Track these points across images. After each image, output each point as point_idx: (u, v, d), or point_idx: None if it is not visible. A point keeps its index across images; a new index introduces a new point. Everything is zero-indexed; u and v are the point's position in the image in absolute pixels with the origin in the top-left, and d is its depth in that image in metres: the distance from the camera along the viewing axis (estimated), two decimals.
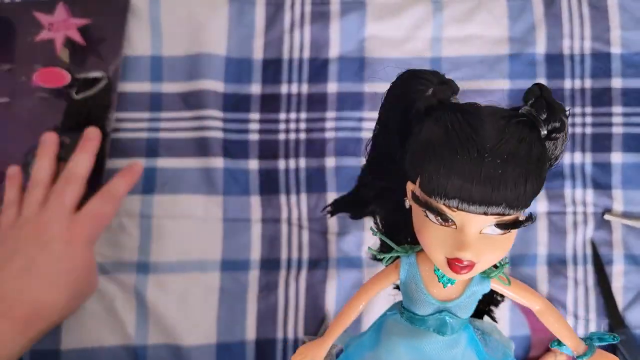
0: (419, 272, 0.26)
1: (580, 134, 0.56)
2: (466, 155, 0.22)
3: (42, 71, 0.54)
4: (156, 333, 0.52)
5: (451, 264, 0.23)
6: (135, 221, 0.53)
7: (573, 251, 0.54)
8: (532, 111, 0.24)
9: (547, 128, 0.24)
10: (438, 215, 0.23)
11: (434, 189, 0.22)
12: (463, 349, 0.27)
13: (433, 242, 0.23)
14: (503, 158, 0.22)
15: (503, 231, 0.23)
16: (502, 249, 0.24)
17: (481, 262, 0.23)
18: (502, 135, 0.22)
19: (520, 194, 0.22)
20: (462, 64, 0.57)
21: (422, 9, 0.57)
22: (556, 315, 0.28)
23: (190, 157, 0.55)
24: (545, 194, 0.55)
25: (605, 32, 0.57)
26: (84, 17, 0.55)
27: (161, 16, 0.57)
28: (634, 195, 0.55)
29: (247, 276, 0.53)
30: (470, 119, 0.23)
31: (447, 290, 0.25)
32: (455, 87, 0.26)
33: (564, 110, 0.25)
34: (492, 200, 0.22)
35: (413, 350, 0.26)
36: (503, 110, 0.25)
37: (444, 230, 0.23)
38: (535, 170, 0.22)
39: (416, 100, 0.25)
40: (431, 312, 0.26)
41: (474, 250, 0.23)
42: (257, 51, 0.57)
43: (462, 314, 0.27)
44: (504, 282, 0.26)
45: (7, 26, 0.56)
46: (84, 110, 0.54)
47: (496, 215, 0.22)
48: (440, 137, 0.23)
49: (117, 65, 0.55)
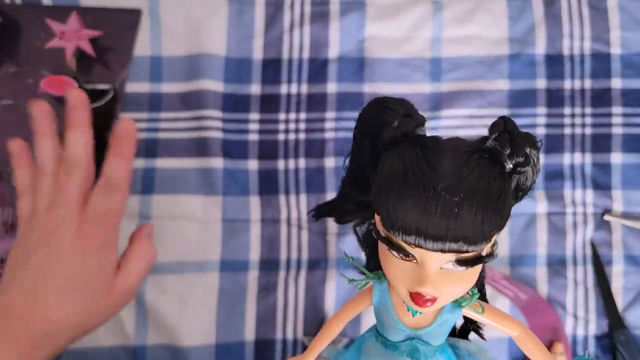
0: (390, 299, 0.26)
1: (580, 135, 0.56)
2: (422, 192, 0.21)
3: (50, 78, 0.54)
4: (155, 333, 0.52)
5: (413, 297, 0.23)
6: (134, 221, 0.53)
7: (573, 252, 0.54)
8: (496, 145, 0.24)
9: (512, 163, 0.24)
10: (398, 250, 0.23)
11: (392, 224, 0.22)
12: None
13: (396, 275, 0.23)
14: (460, 195, 0.21)
15: (463, 267, 0.23)
16: (465, 283, 0.23)
17: (443, 296, 0.23)
18: (461, 171, 0.22)
19: (477, 232, 0.21)
20: (462, 64, 0.57)
21: (422, 9, 0.57)
22: (535, 343, 0.27)
23: (190, 158, 0.54)
24: (545, 195, 0.55)
25: (605, 32, 0.57)
26: (96, 29, 0.55)
27: (160, 16, 0.57)
28: (633, 195, 0.55)
29: (246, 277, 0.53)
30: (428, 155, 0.23)
31: (418, 319, 0.25)
32: (420, 119, 0.26)
33: (532, 142, 0.24)
34: (449, 238, 0.21)
35: None
36: (466, 144, 0.24)
37: (406, 265, 0.23)
38: (494, 207, 0.22)
39: (383, 131, 0.25)
40: (402, 338, 0.26)
41: (434, 286, 0.22)
42: (257, 51, 0.57)
43: (434, 341, 0.26)
44: (477, 311, 0.26)
45: (15, 29, 0.56)
46: None
47: (454, 253, 0.22)
48: (399, 172, 0.22)
49: (124, 77, 0.55)
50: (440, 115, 0.55)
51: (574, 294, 0.53)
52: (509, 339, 0.52)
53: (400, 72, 0.56)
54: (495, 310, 0.27)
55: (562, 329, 0.52)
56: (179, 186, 0.54)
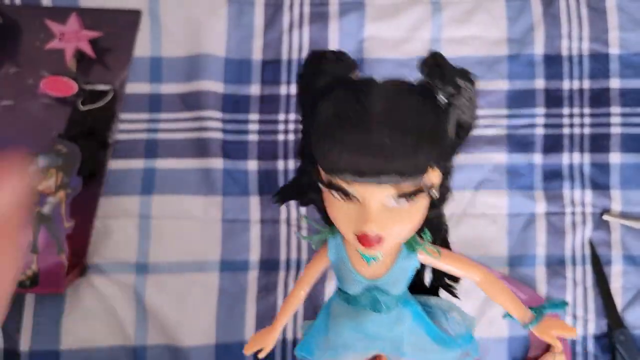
0: (346, 251, 0.26)
1: (579, 135, 0.56)
2: (353, 128, 0.22)
3: (49, 79, 0.54)
4: (155, 333, 0.52)
5: (360, 239, 0.23)
6: (134, 222, 0.53)
7: (572, 252, 0.54)
8: (428, 80, 0.24)
9: (444, 95, 0.24)
10: (339, 191, 0.23)
11: (329, 166, 0.23)
12: (409, 326, 0.26)
13: (341, 219, 0.23)
14: (391, 127, 0.22)
15: (407, 202, 0.22)
16: (410, 220, 0.23)
17: (390, 236, 0.23)
18: (392, 107, 0.22)
19: (410, 163, 0.22)
20: (461, 64, 0.56)
21: (421, 10, 0.57)
22: (499, 286, 0.27)
23: (190, 158, 0.55)
24: (544, 195, 0.55)
25: (604, 33, 0.57)
26: (95, 30, 0.55)
27: (160, 17, 0.57)
28: (632, 195, 0.55)
29: (246, 277, 0.53)
30: (361, 96, 0.23)
31: (374, 268, 0.25)
32: (352, 63, 0.26)
33: (464, 74, 0.24)
34: (383, 170, 0.21)
35: (358, 331, 0.26)
36: (398, 82, 0.25)
37: (349, 207, 0.23)
38: (427, 138, 0.22)
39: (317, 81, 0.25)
40: (361, 290, 0.26)
41: (378, 223, 0.22)
42: (256, 52, 0.57)
43: (393, 289, 0.26)
44: (434, 256, 0.26)
45: (14, 29, 0.56)
46: (87, 120, 0.55)
47: (392, 185, 0.22)
48: (333, 115, 0.23)
49: (123, 78, 0.55)
50: None
51: (573, 293, 0.53)
52: (508, 338, 0.53)
53: (400, 73, 0.56)
54: (455, 256, 0.26)
55: None
56: (178, 186, 0.54)
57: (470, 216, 0.54)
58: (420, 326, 0.27)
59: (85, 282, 0.52)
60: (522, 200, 0.54)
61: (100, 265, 0.52)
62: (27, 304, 0.52)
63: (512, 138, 0.55)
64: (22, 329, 0.51)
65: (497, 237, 0.54)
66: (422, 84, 0.24)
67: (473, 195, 0.55)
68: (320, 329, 0.30)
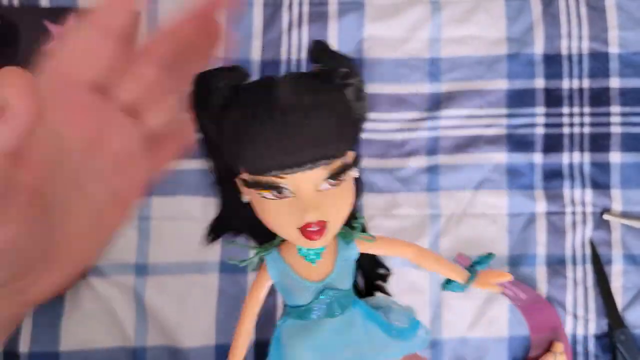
0: (286, 263, 0.25)
1: (579, 134, 0.56)
2: (266, 120, 0.22)
3: None
4: (155, 335, 0.52)
5: (304, 232, 0.23)
6: (133, 223, 0.53)
7: (572, 251, 0.54)
8: (320, 66, 0.24)
9: (337, 76, 0.24)
10: (271, 190, 0.23)
11: (255, 167, 0.22)
12: (362, 326, 0.26)
13: (279, 219, 0.23)
14: (305, 112, 0.22)
15: (336, 181, 0.23)
16: (344, 200, 0.24)
17: (330, 220, 0.23)
18: (296, 91, 0.22)
19: (333, 138, 0.22)
20: (461, 64, 0.57)
21: (420, 10, 0.57)
22: (433, 257, 0.28)
23: (189, 159, 0.54)
24: (544, 194, 0.55)
25: (603, 32, 0.57)
26: None
27: (159, 18, 0.57)
28: (632, 194, 0.55)
29: (246, 277, 0.53)
30: (262, 90, 0.23)
31: (319, 268, 0.25)
32: (243, 72, 0.25)
33: (345, 56, 0.25)
34: (309, 153, 0.22)
35: (315, 348, 0.26)
36: (295, 73, 0.26)
37: (283, 204, 0.23)
38: (343, 116, 0.23)
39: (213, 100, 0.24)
40: (313, 296, 0.26)
41: (317, 208, 0.22)
42: (255, 52, 0.57)
43: (343, 284, 0.26)
44: (369, 239, 0.26)
45: (13, 31, 0.56)
46: None
47: (323, 167, 0.22)
48: (239, 116, 0.23)
49: None
50: (439, 116, 0.55)
51: (573, 293, 0.53)
52: (508, 338, 0.53)
53: (399, 73, 0.56)
54: (387, 239, 0.27)
55: (561, 328, 0.52)
56: (178, 187, 0.54)
57: (470, 216, 0.54)
58: (373, 324, 0.27)
59: (85, 284, 0.52)
60: (522, 200, 0.54)
61: (99, 267, 0.52)
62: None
63: (512, 138, 0.55)
64: (21, 331, 0.51)
65: (497, 237, 0.54)
66: (316, 70, 0.24)
67: (473, 195, 0.54)
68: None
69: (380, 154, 0.55)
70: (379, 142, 0.55)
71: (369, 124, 0.56)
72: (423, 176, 0.55)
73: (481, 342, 0.53)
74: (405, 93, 0.56)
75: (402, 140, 0.55)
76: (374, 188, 0.54)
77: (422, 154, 0.55)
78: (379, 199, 0.54)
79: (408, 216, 0.54)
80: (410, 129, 0.56)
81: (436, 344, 0.52)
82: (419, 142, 0.55)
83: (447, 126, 0.56)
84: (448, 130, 0.55)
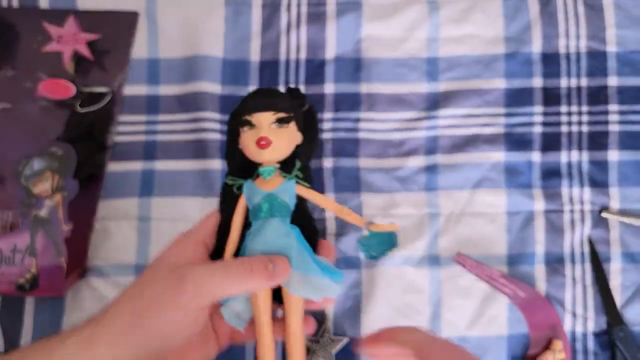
0: (253, 182, 0.36)
1: (577, 133, 0.56)
2: (256, 93, 0.37)
3: (47, 82, 0.54)
4: None
5: (258, 143, 0.35)
6: (133, 224, 0.53)
7: (571, 249, 0.54)
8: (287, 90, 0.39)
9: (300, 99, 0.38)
10: (249, 125, 0.35)
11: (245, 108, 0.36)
12: (296, 241, 0.35)
13: (248, 142, 0.35)
14: (272, 93, 0.37)
15: (282, 126, 0.35)
16: (287, 136, 0.36)
17: (275, 142, 0.35)
18: (275, 90, 0.38)
19: (280, 104, 0.36)
20: (458, 63, 0.57)
21: (418, 9, 0.57)
22: (347, 211, 0.37)
23: (188, 160, 0.55)
24: (543, 193, 0.55)
25: (601, 30, 0.57)
26: (93, 32, 0.56)
27: (157, 19, 0.57)
28: (630, 192, 0.55)
29: None
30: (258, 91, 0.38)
31: (270, 183, 0.35)
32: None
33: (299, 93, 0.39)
34: (269, 105, 0.35)
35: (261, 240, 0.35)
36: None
37: (252, 133, 0.35)
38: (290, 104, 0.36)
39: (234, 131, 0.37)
40: (262, 198, 0.36)
41: (268, 133, 0.35)
42: (254, 53, 0.57)
43: (284, 197, 0.36)
44: (304, 183, 0.36)
45: (12, 32, 0.56)
46: (86, 122, 0.55)
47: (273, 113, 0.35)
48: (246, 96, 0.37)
49: (121, 80, 0.55)
50: (437, 115, 0.56)
51: (572, 291, 0.53)
52: (507, 336, 0.53)
53: (397, 72, 0.57)
54: (321, 195, 0.37)
55: (560, 326, 0.52)
56: (177, 188, 0.54)
57: (468, 215, 0.54)
58: (302, 246, 0.35)
59: (85, 285, 0.52)
60: (521, 199, 0.55)
61: (100, 268, 0.52)
62: (28, 306, 0.52)
63: (510, 136, 0.56)
64: (22, 331, 0.52)
65: (496, 235, 0.54)
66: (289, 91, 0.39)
67: (471, 194, 0.55)
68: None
69: (378, 153, 0.55)
70: (377, 142, 0.56)
71: (368, 124, 0.56)
72: (421, 176, 0.55)
73: (481, 341, 0.53)
74: (403, 93, 0.56)
75: (400, 140, 0.56)
76: (372, 188, 0.55)
77: (420, 153, 0.55)
78: (377, 198, 0.54)
79: (407, 216, 0.54)
80: (408, 128, 0.56)
81: None
82: (417, 141, 0.56)
83: (445, 125, 0.56)
84: (446, 129, 0.56)
